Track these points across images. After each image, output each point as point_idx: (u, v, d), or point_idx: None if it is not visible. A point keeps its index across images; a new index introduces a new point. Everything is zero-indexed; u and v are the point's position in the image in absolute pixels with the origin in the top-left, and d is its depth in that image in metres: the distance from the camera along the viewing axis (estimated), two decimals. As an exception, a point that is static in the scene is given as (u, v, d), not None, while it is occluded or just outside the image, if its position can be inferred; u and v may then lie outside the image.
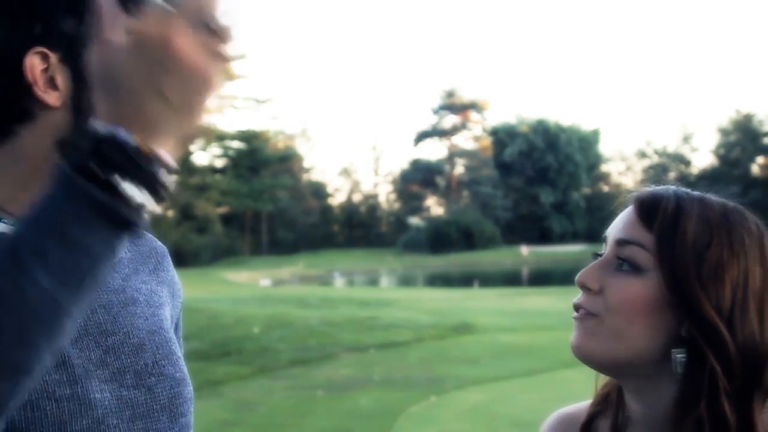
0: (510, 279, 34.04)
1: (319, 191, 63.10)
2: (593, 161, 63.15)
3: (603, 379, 1.12)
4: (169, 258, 1.24)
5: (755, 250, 0.99)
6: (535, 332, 11.64)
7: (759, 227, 1.02)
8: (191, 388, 1.12)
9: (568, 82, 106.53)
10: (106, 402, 0.98)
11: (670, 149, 65.37)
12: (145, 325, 1.07)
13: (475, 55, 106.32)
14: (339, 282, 36.41)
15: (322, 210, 62.22)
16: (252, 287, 26.16)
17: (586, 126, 63.61)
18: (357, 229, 63.83)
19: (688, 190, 1.05)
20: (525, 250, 47.89)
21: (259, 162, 50.75)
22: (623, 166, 68.19)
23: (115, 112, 0.71)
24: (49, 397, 0.94)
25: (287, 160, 56.73)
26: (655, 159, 65.48)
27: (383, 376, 9.01)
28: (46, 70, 0.98)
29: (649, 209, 1.01)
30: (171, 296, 1.20)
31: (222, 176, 49.81)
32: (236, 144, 51.02)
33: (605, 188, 66.26)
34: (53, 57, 0.97)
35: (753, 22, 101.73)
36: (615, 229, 1.05)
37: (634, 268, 1.00)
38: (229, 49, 0.72)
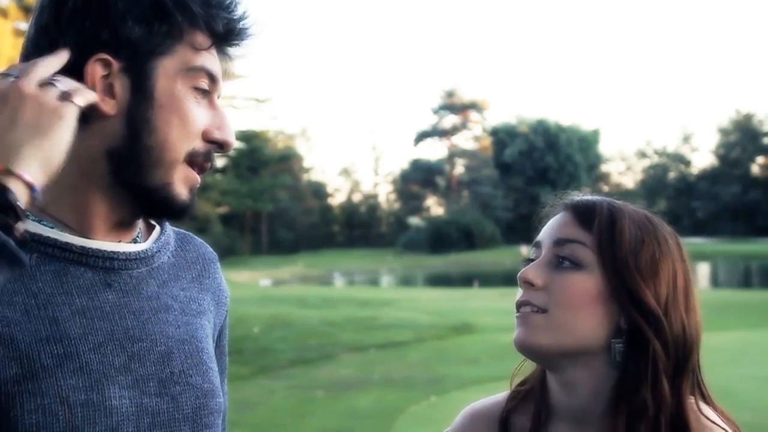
0: (510, 279, 32.95)
1: (319, 191, 63.07)
2: (593, 161, 63.08)
3: (520, 375, 1.21)
4: (218, 264, 1.24)
5: (676, 249, 1.11)
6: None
7: (674, 232, 1.14)
8: (222, 400, 1.10)
9: (568, 82, 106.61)
10: (124, 408, 0.97)
11: (670, 149, 65.38)
12: (176, 333, 1.06)
13: (475, 55, 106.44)
14: (339, 282, 36.37)
15: (322, 210, 62.19)
16: (252, 287, 26.15)
17: (586, 126, 63.53)
18: (357, 229, 63.80)
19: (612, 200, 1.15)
20: (525, 250, 47.75)
21: (259, 162, 50.73)
22: (623, 166, 68.23)
23: None
24: (62, 401, 0.93)
25: (287, 160, 56.69)
26: (655, 159, 65.46)
27: (383, 376, 9.01)
28: (107, 76, 0.98)
29: (585, 211, 1.11)
30: (215, 304, 1.18)
31: (222, 176, 49.80)
32: (236, 144, 50.91)
33: (605, 188, 66.02)
34: (116, 65, 0.98)
35: (753, 22, 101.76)
36: (551, 232, 1.13)
37: (576, 265, 1.08)
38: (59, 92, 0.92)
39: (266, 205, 50.80)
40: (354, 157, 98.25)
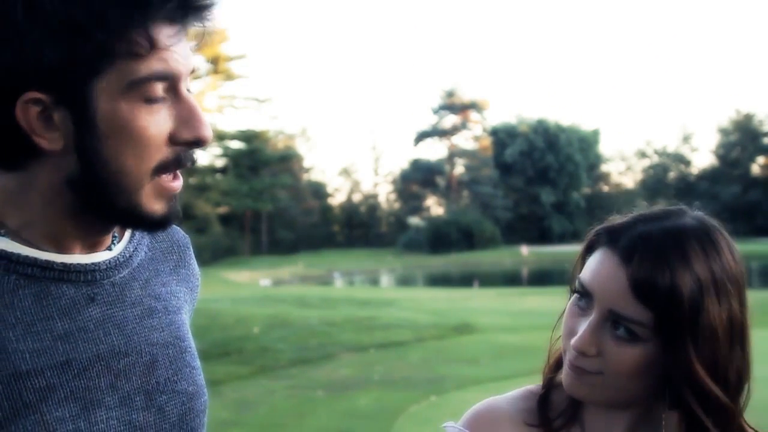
0: (510, 279, 34.03)
1: (319, 191, 63.06)
2: (593, 161, 63.10)
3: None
4: (191, 249, 1.19)
5: (735, 286, 1.04)
6: (535, 332, 11.62)
7: (732, 252, 1.06)
8: (206, 397, 1.08)
9: (568, 82, 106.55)
10: (112, 430, 0.95)
11: (670, 149, 65.36)
12: (160, 338, 1.03)
13: (475, 55, 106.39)
14: (339, 282, 36.39)
15: (322, 210, 62.18)
16: (252, 287, 26.17)
17: (586, 126, 63.57)
18: (357, 229, 63.78)
19: (675, 236, 1.04)
20: (525, 250, 47.86)
21: (259, 162, 50.71)
22: (623, 166, 68.21)
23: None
24: None
25: (287, 160, 56.68)
26: (655, 159, 65.46)
27: (383, 376, 9.01)
28: (43, 111, 0.90)
29: (645, 289, 1.01)
30: (189, 291, 1.16)
31: (222, 176, 49.80)
32: (236, 144, 50.99)
33: (605, 188, 66.27)
34: (47, 99, 0.89)
35: (753, 22, 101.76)
36: (606, 295, 1.04)
37: (632, 338, 1.03)
38: None
39: (266, 205, 50.78)
40: (354, 157, 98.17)
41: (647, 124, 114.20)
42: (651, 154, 65.96)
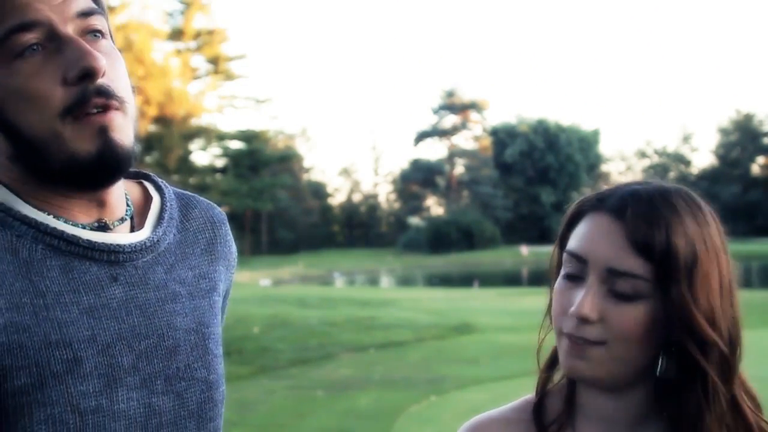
0: (510, 279, 34.00)
1: (319, 191, 63.05)
2: (593, 161, 63.09)
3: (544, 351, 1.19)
4: (227, 225, 1.19)
5: (718, 239, 1.05)
6: (535, 332, 11.55)
7: (709, 210, 1.07)
8: (224, 388, 1.07)
9: (568, 82, 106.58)
10: (132, 411, 0.95)
11: (670, 149, 65.42)
12: (183, 323, 1.03)
13: (475, 55, 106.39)
14: (339, 282, 36.37)
15: (322, 210, 62.18)
16: (252, 287, 26.14)
17: (586, 126, 63.57)
18: (357, 229, 63.78)
19: (662, 194, 1.06)
20: (525, 250, 47.84)
21: (259, 162, 50.69)
22: (623, 166, 68.20)
23: None
24: (73, 410, 0.90)
25: (287, 160, 56.66)
26: (655, 159, 65.47)
27: (383, 376, 9.01)
28: None
29: (643, 240, 1.01)
30: (225, 269, 1.16)
31: (222, 176, 49.78)
32: (236, 144, 51.01)
33: (605, 188, 66.26)
34: None
35: (753, 21, 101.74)
36: (602, 255, 1.03)
37: (633, 297, 1.01)
38: None
39: (266, 205, 50.77)
40: (354, 157, 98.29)
41: (647, 124, 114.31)
42: (651, 154, 66.00)
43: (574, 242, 1.07)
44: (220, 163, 50.95)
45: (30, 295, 0.92)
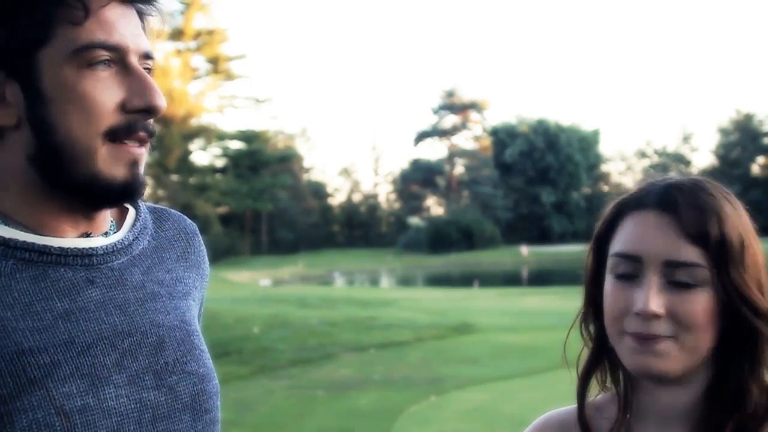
0: (510, 279, 34.03)
1: (319, 191, 63.05)
2: (593, 161, 63.09)
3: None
4: (200, 237, 1.21)
5: (749, 221, 1.12)
6: (535, 332, 11.64)
7: (738, 200, 1.13)
8: (216, 381, 1.09)
9: (568, 82, 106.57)
10: (122, 408, 0.95)
11: (670, 149, 65.33)
12: (166, 321, 1.04)
13: (475, 55, 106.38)
14: (339, 282, 36.40)
15: (322, 210, 62.17)
16: (252, 287, 26.15)
17: (586, 126, 63.58)
18: (357, 229, 63.77)
19: (699, 184, 1.10)
20: (525, 250, 47.86)
21: (259, 162, 50.70)
22: (623, 166, 68.16)
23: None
24: (57, 411, 0.91)
25: (287, 160, 56.68)
26: (655, 159, 65.42)
27: (383, 376, 9.01)
28: None
29: (699, 227, 1.04)
30: (200, 278, 1.17)
31: (222, 176, 49.79)
32: (236, 144, 51.03)
33: (605, 188, 66.22)
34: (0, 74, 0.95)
35: (753, 21, 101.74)
36: (658, 249, 1.05)
37: (693, 284, 1.04)
38: None
39: (266, 205, 50.78)
40: (354, 157, 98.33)
41: (647, 124, 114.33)
42: (651, 154, 65.95)
43: (622, 244, 1.08)
44: (220, 163, 50.98)
45: None
